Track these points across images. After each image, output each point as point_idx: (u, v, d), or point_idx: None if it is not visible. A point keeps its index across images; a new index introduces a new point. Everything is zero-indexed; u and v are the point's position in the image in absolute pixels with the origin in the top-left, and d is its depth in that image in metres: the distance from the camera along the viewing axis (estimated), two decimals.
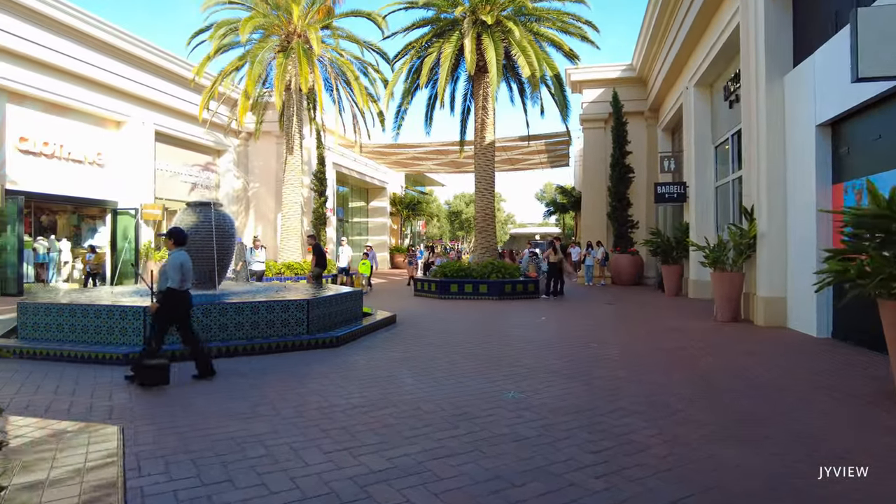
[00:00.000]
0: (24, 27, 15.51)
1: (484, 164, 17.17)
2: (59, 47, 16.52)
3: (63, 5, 16.28)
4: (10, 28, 15.20)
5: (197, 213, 9.09)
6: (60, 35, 16.53)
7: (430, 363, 6.65)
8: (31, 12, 15.54)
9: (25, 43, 15.60)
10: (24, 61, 15.86)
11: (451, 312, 12.07)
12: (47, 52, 16.20)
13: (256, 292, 9.09)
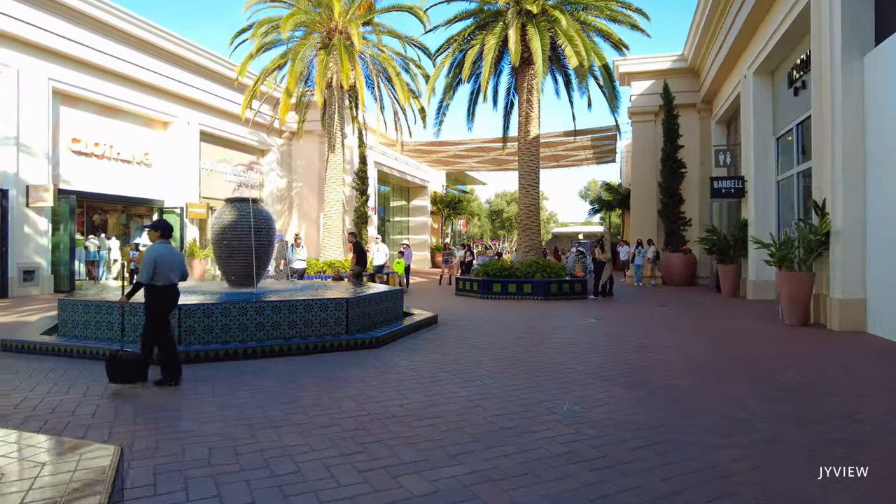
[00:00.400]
0: (78, 31, 15.87)
1: (528, 160, 16.59)
2: (110, 50, 16.84)
3: (115, 9, 16.60)
4: (66, 33, 15.56)
5: (235, 209, 8.90)
6: (111, 38, 16.85)
7: (476, 368, 6.20)
8: (84, 17, 15.88)
9: (79, 47, 15.96)
10: (78, 64, 16.23)
11: (495, 313, 11.59)
12: (99, 56, 16.54)
13: (295, 290, 8.84)
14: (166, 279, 5.46)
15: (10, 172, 14.59)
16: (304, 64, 18.20)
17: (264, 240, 8.98)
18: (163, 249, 5.50)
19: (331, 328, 7.37)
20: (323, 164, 22.02)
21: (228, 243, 8.73)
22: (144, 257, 5.43)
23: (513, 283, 14.43)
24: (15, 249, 14.63)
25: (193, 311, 6.66)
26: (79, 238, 17.95)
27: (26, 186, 14.89)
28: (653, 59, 21.89)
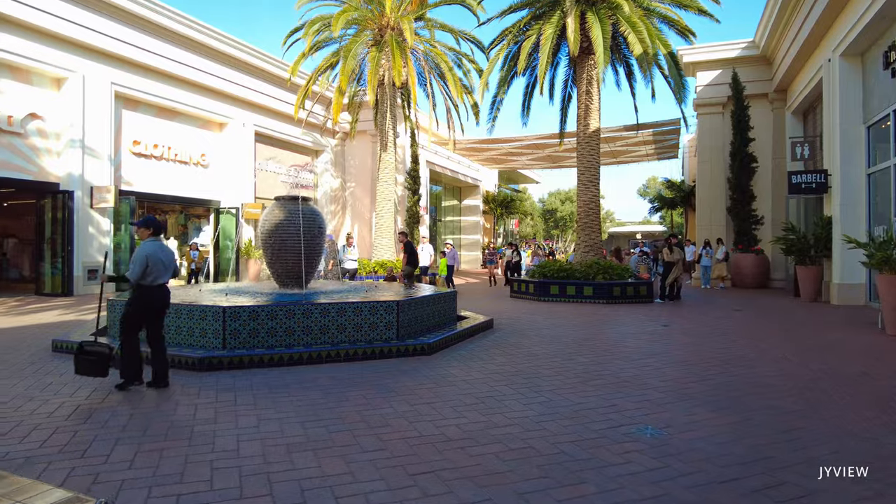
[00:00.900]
0: (138, 36, 16.22)
1: (587, 155, 15.75)
2: (169, 53, 17.15)
3: (173, 12, 16.89)
4: (127, 37, 15.92)
5: (284, 208, 8.62)
6: (170, 41, 17.15)
7: (539, 381, 5.58)
8: (145, 21, 16.22)
9: (139, 51, 16.30)
10: (139, 69, 16.58)
11: (554, 317, 10.90)
12: (158, 59, 16.86)
13: (345, 292, 8.46)
14: (156, 278, 5.19)
15: (75, 174, 15.00)
16: (356, 62, 17.98)
17: (314, 240, 8.66)
18: (155, 247, 5.24)
19: (381, 332, 6.91)
20: (375, 163, 21.82)
21: (277, 243, 8.46)
22: (135, 254, 5.16)
23: (572, 285, 13.66)
24: (80, 249, 15.03)
25: (238, 313, 6.34)
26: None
27: (90, 188, 15.29)
28: (720, 48, 20.52)
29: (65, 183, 14.99)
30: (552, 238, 63.25)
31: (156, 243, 5.29)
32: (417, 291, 8.77)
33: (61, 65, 14.73)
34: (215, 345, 6.31)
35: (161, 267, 5.22)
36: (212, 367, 5.90)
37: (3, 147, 13.95)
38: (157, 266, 5.17)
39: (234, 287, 9.26)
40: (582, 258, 15.32)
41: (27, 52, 14.01)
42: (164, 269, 5.27)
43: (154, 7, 16.36)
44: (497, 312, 10.98)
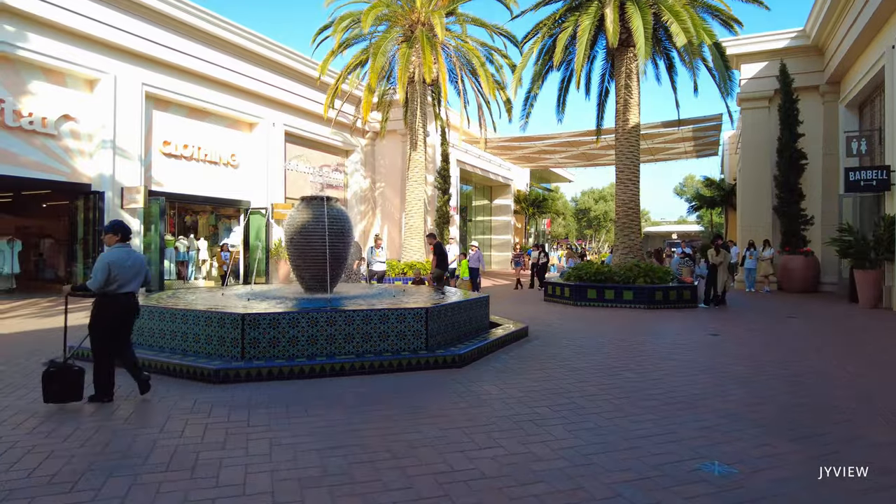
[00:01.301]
0: (168, 36, 16.17)
1: (626, 151, 15.01)
2: (199, 53, 17.07)
3: (203, 12, 16.80)
4: (157, 38, 15.88)
5: (310, 208, 8.24)
6: (200, 41, 17.07)
7: (583, 401, 5.02)
8: (175, 21, 16.15)
9: (170, 51, 16.24)
10: (169, 69, 16.53)
11: (593, 324, 10.27)
12: (188, 59, 16.79)
13: (372, 297, 8.03)
14: (121, 286, 4.87)
15: (106, 175, 14.99)
16: (386, 58, 17.61)
17: (340, 242, 8.25)
18: (120, 254, 4.93)
19: (409, 342, 6.44)
20: (405, 163, 21.44)
21: (302, 245, 8.08)
22: (97, 262, 4.84)
23: (610, 289, 12.98)
24: None
25: (258, 321, 5.95)
26: (169, 239, 18.37)
27: (121, 188, 15.27)
28: (767, 38, 19.47)
29: (96, 184, 15.00)
30: (585, 238, 62.06)
31: (122, 250, 4.99)
32: (447, 297, 8.28)
33: (94, 66, 14.74)
34: (233, 354, 5.93)
35: (127, 274, 4.91)
36: (228, 379, 5.52)
37: (37, 149, 14.00)
38: (122, 274, 4.88)
39: (258, 290, 8.93)
40: (620, 260, 14.60)
41: (61, 54, 14.04)
42: (131, 277, 4.97)
43: (184, 7, 16.28)
44: (531, 318, 10.40)
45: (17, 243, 15.82)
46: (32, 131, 13.84)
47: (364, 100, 17.44)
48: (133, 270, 4.98)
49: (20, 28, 13.34)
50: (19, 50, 13.36)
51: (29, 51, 13.51)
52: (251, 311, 6.17)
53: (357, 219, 24.94)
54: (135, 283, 5.04)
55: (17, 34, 13.30)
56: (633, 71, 15.03)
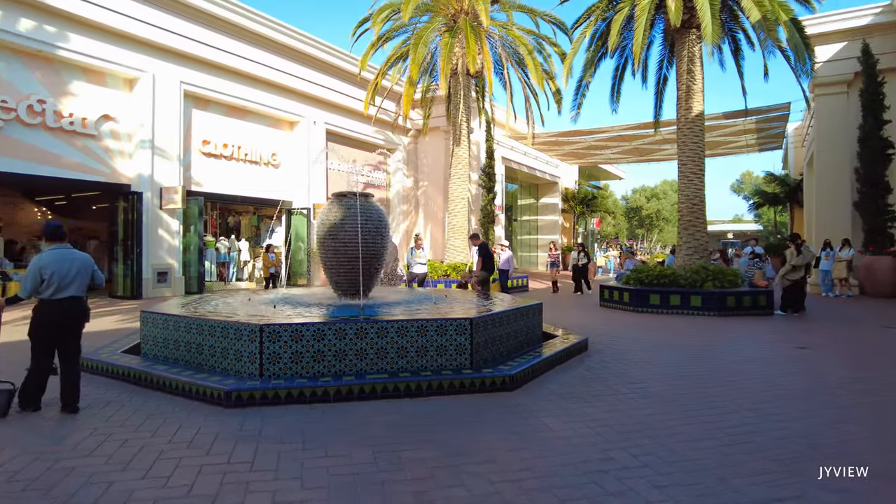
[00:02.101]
0: (207, 33, 15.85)
1: (690, 143, 13.69)
2: (238, 50, 16.70)
3: (242, 8, 16.43)
4: (196, 35, 15.57)
5: (342, 206, 7.46)
6: (238, 38, 16.70)
7: (670, 442, 3.98)
8: (213, 18, 15.83)
9: (209, 49, 15.92)
10: (208, 67, 16.21)
11: (662, 335, 9.11)
12: (227, 57, 16.44)
13: (409, 303, 7.18)
14: (58, 291, 4.54)
15: (145, 175, 14.74)
16: (428, 50, 16.78)
17: (376, 242, 7.43)
18: (53, 257, 4.60)
19: (450, 357, 5.54)
20: (448, 160, 20.58)
21: (334, 246, 7.31)
22: (28, 267, 4.56)
23: (675, 294, 11.72)
24: (149, 251, 14.76)
25: (279, 334, 5.17)
26: (209, 240, 18.10)
27: (160, 189, 15.00)
28: (846, 15, 17.64)
29: (135, 184, 14.77)
30: (636, 238, 59.78)
31: (56, 252, 4.66)
32: (494, 304, 7.34)
33: (133, 65, 14.51)
34: (251, 371, 5.17)
35: (64, 278, 4.57)
36: (241, 402, 4.75)
37: (78, 149, 13.83)
38: (58, 277, 4.54)
39: (288, 295, 8.22)
40: (685, 262, 13.29)
41: (101, 53, 13.84)
42: (70, 281, 4.60)
43: (223, 3, 15.93)
44: (588, 327, 9.33)
45: None
46: (73, 132, 13.68)
47: (405, 93, 16.65)
48: (72, 273, 4.62)
49: (61, 28, 13.17)
50: (60, 50, 13.20)
51: (69, 51, 13.34)
52: (271, 321, 5.40)
53: (399, 218, 24.28)
54: (75, 287, 4.66)
55: (57, 34, 13.14)
56: (696, 55, 13.71)
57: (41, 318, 4.56)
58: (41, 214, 21.81)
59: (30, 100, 12.90)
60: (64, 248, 4.74)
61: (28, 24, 12.68)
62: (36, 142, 13.04)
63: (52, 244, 4.73)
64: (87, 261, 4.82)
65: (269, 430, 4.15)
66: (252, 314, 6.00)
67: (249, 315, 5.94)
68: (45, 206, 21.25)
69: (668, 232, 60.24)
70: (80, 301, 4.71)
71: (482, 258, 11.05)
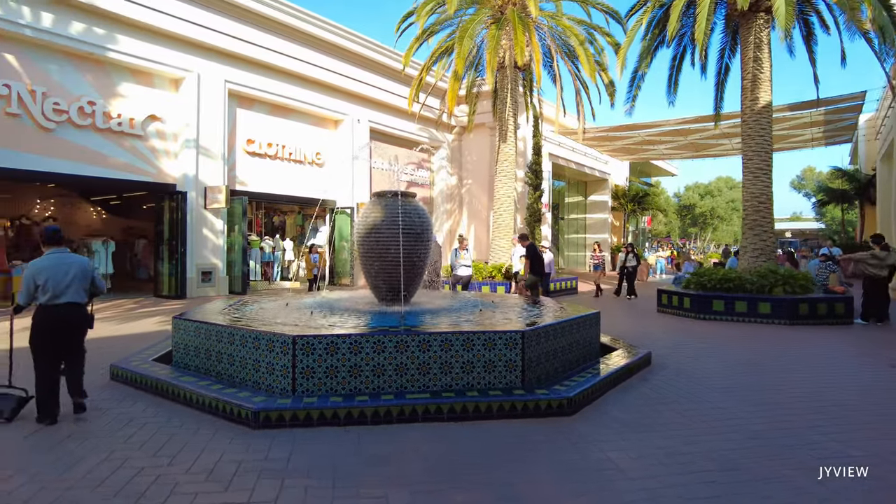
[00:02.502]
0: (251, 32, 15.76)
1: (756, 136, 12.66)
2: (282, 48, 16.57)
3: (286, 6, 16.29)
4: (240, 34, 15.50)
5: (383, 206, 7.02)
6: (282, 36, 16.57)
7: (763, 487, 3.32)
8: (257, 16, 15.74)
9: (252, 47, 15.84)
10: (252, 65, 16.13)
11: (732, 347, 8.30)
12: (271, 55, 16.32)
13: (454, 311, 6.67)
14: (54, 297, 4.43)
15: (189, 175, 14.76)
16: (474, 43, 16.18)
17: (418, 244, 6.96)
18: (48, 262, 4.51)
19: (499, 375, 5.00)
20: (493, 158, 19.97)
21: (374, 248, 6.87)
22: (24, 272, 4.52)
23: (742, 301, 10.79)
24: (193, 250, 14.78)
25: (313, 346, 4.75)
26: (254, 239, 18.09)
27: (204, 188, 15.00)
28: None
29: (180, 184, 14.81)
30: (688, 237, 57.52)
31: (52, 257, 4.56)
32: (546, 312, 6.75)
33: (178, 65, 14.53)
34: (283, 386, 4.77)
35: (58, 284, 4.44)
36: (269, 423, 4.34)
37: (126, 150, 13.95)
38: (53, 283, 4.43)
39: (328, 300, 7.84)
40: (750, 264, 12.28)
41: (147, 54, 13.90)
42: (66, 287, 4.48)
43: (267, 1, 15.81)
44: (647, 337, 8.61)
45: (111, 244, 16.04)
46: (121, 132, 13.79)
47: (450, 88, 16.12)
48: (67, 279, 4.49)
49: (109, 30, 13.27)
50: (109, 52, 13.31)
51: (118, 52, 13.43)
52: (305, 331, 4.99)
53: (443, 217, 23.83)
54: (72, 293, 4.52)
55: (106, 36, 13.24)
56: (764, 40, 12.66)
57: (38, 325, 4.45)
58: (96, 214, 22.46)
59: (80, 101, 13.04)
60: (61, 253, 4.63)
61: (79, 27, 12.82)
62: (86, 143, 13.19)
63: (50, 248, 4.62)
64: (84, 266, 4.68)
65: (298, 459, 3.71)
66: (286, 322, 5.62)
67: (284, 323, 5.56)
68: (101, 206, 21.81)
69: (723, 231, 57.71)
70: (78, 307, 4.58)
71: (530, 260, 10.44)
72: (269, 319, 6.02)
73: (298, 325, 5.48)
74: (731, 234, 58.83)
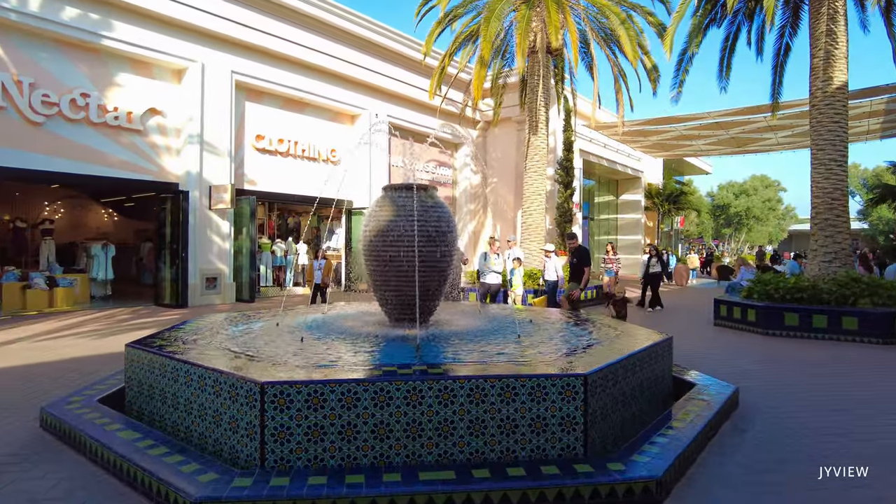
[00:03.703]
0: (260, 18, 14.59)
1: (828, 122, 10.95)
2: (294, 37, 15.37)
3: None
4: (248, 20, 14.32)
5: (394, 202, 5.64)
6: (293, 23, 15.36)
7: None
8: (266, 2, 14.56)
9: (261, 35, 14.67)
10: (261, 55, 14.98)
11: (829, 373, 6.72)
12: (282, 44, 15.15)
13: (483, 336, 5.25)
14: None
15: (193, 172, 13.62)
16: (501, 26, 14.72)
17: (438, 251, 5.55)
18: None
19: (552, 436, 3.56)
20: (521, 154, 18.46)
21: (382, 254, 5.49)
22: None
23: (820, 314, 9.14)
24: (196, 255, 13.63)
25: (289, 397, 3.38)
26: (265, 242, 16.91)
27: (209, 187, 13.84)
28: None
29: (183, 182, 13.68)
30: (722, 238, 55.07)
31: None
32: (597, 335, 5.29)
33: (181, 54, 13.41)
34: (248, 453, 3.41)
35: None
36: None
37: (124, 146, 12.87)
38: None
39: (327, 319, 6.48)
40: (821, 270, 10.59)
41: (147, 42, 12.81)
42: None
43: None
44: (710, 359, 7.08)
45: (111, 248, 14.98)
46: (118, 127, 12.70)
47: (475, 76, 14.65)
48: None
49: (105, 16, 12.20)
50: (104, 39, 12.24)
51: (114, 40, 12.37)
52: (276, 375, 3.61)
53: (467, 218, 22.42)
54: None
55: (102, 22, 12.17)
56: (840, 11, 10.96)
57: None
58: (108, 216, 21.60)
59: (73, 93, 11.99)
60: None
61: (72, 13, 11.75)
62: (79, 138, 12.13)
63: None
64: None
65: None
66: (260, 356, 4.25)
67: (258, 357, 4.21)
68: (112, 207, 20.94)
69: (758, 231, 55.09)
70: None
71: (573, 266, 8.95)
72: (250, 344, 4.69)
73: (278, 360, 4.11)
74: (766, 234, 56.12)
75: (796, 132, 22.92)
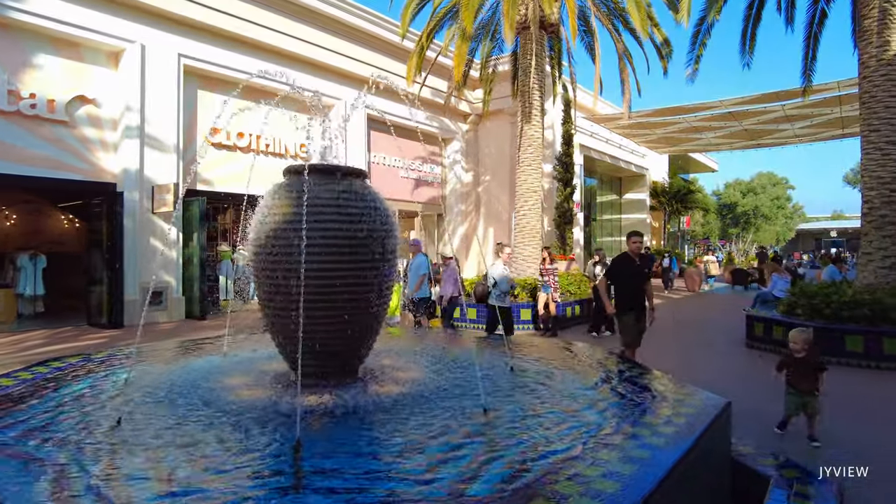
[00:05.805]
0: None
1: (886, 94, 8.98)
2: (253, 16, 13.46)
3: None
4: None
5: (293, 192, 3.67)
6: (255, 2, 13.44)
7: None
8: None
9: (214, 13, 12.75)
10: (214, 36, 13.09)
11: None
12: (241, 24, 13.28)
13: (431, 405, 3.30)
14: None
15: (132, 171, 11.70)
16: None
17: (364, 265, 3.59)
18: None
19: None
20: (514, 149, 16.52)
21: (273, 273, 3.53)
22: None
23: (892, 338, 7.17)
24: (135, 265, 11.66)
25: None
26: (225, 250, 14.98)
27: (152, 188, 11.92)
28: None
29: (121, 182, 11.76)
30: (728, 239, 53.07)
31: None
32: (616, 399, 3.34)
33: (116, 33, 11.49)
34: None
35: None
36: None
37: (45, 140, 10.93)
38: None
39: (212, 369, 4.51)
40: (881, 279, 8.62)
41: (74, 18, 10.88)
42: None
43: None
44: (756, 408, 5.12)
45: (42, 259, 13.02)
46: (36, 117, 10.76)
47: (457, 53, 12.68)
48: None
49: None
50: (17, 13, 10.30)
51: (31, 14, 10.44)
52: None
53: (457, 220, 20.47)
54: None
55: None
56: None
57: None
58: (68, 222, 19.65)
59: None
60: None
61: None
62: None
63: None
64: None
65: None
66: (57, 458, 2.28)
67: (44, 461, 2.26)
68: (56, 210, 18.91)
69: (765, 231, 53.13)
70: None
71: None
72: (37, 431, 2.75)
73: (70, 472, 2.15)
74: (774, 234, 54.18)
75: (815, 122, 21.01)
